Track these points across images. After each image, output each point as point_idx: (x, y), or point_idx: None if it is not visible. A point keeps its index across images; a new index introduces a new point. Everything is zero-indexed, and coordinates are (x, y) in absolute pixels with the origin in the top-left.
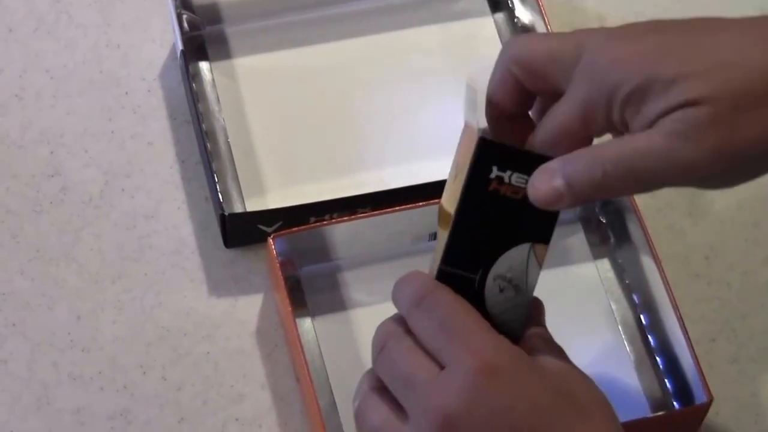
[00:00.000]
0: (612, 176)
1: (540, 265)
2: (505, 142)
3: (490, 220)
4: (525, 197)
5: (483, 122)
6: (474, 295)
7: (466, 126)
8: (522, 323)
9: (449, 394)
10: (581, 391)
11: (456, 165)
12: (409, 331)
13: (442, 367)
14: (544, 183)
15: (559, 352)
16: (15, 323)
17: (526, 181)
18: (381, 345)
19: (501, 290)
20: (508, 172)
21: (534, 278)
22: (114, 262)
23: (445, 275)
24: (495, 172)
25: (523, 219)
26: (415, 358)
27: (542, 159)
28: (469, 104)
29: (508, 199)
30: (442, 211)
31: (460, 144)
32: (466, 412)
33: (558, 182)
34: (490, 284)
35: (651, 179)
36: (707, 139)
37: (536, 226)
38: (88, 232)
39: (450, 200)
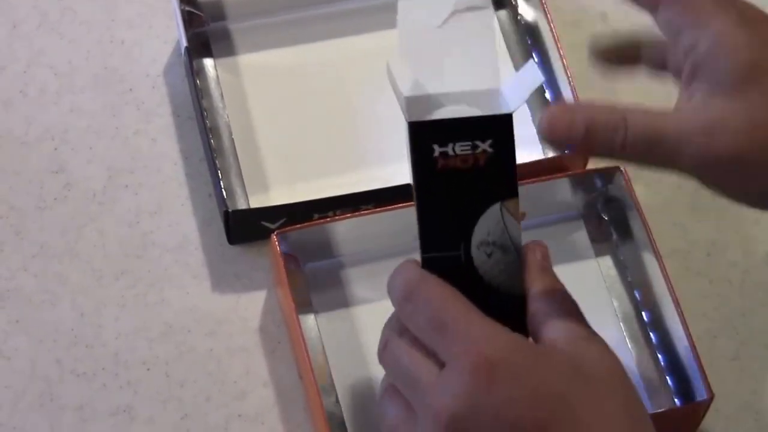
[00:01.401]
0: (630, 146)
1: (517, 219)
2: (434, 117)
3: (452, 196)
4: (476, 163)
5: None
6: (465, 270)
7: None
8: (523, 278)
9: (451, 397)
10: (592, 366)
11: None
12: (407, 328)
13: (442, 364)
14: (563, 117)
15: (567, 311)
16: (18, 320)
17: (470, 147)
18: (384, 342)
19: (489, 255)
20: (450, 145)
21: (516, 233)
22: (117, 259)
23: (430, 261)
24: (437, 150)
25: (482, 183)
26: (414, 358)
27: (478, 121)
28: (393, 86)
29: (460, 171)
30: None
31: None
32: (470, 413)
33: (579, 124)
34: (477, 253)
35: (667, 163)
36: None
37: (498, 185)
38: (92, 228)
39: None
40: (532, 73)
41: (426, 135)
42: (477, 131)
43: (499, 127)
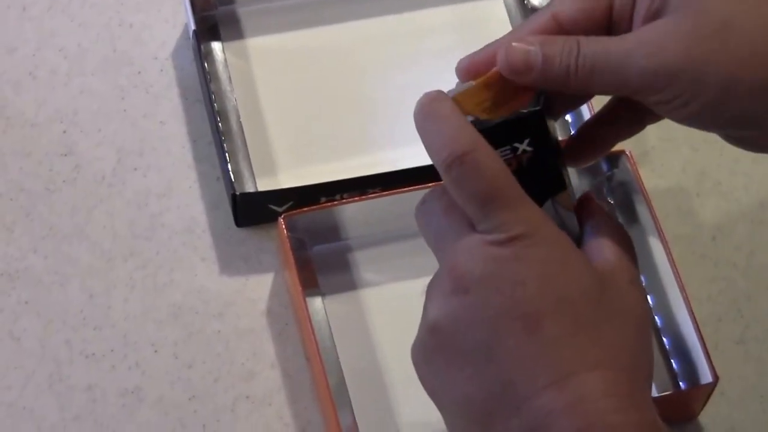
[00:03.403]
0: (581, 67)
1: (572, 210)
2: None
3: None
4: (519, 165)
5: None
6: None
7: None
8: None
9: (468, 260)
10: (611, 299)
11: None
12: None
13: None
14: (519, 49)
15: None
16: (28, 301)
17: (510, 150)
18: (423, 199)
19: None
20: None
21: (573, 223)
22: (126, 241)
23: None
24: None
25: (530, 183)
26: (446, 218)
27: (509, 124)
28: None
29: None
30: None
31: None
32: (477, 281)
33: (535, 54)
34: None
35: (616, 82)
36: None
37: (545, 182)
38: (101, 210)
39: None
40: None
41: None
42: (512, 134)
43: (532, 124)
